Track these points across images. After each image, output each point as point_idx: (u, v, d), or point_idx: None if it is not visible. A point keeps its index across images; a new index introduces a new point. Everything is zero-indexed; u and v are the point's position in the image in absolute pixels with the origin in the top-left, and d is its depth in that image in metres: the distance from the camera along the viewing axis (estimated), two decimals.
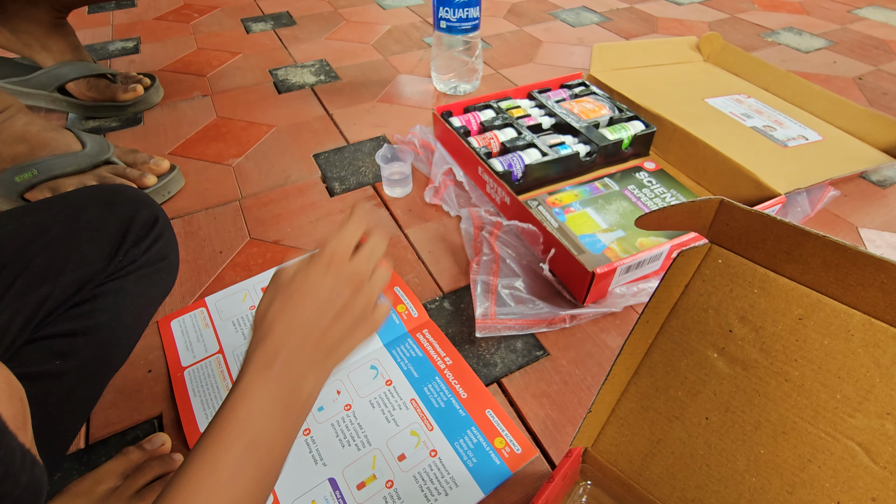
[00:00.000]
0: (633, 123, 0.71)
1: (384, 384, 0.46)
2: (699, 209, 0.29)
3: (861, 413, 0.26)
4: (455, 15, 0.79)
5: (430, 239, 0.61)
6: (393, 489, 0.39)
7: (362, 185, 0.70)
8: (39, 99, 0.82)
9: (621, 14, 1.26)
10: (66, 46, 0.81)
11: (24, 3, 0.75)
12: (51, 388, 0.37)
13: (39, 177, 0.60)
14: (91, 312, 0.39)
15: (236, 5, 1.28)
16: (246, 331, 0.50)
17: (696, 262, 0.31)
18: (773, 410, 0.29)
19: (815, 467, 0.28)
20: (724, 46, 0.90)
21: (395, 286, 0.55)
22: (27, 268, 0.37)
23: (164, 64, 1.00)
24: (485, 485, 0.39)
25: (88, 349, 0.39)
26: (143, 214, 0.44)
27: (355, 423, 0.43)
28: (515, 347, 0.49)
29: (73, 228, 0.40)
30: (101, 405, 0.44)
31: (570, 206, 0.63)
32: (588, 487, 0.37)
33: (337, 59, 1.02)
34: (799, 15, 1.28)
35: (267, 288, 0.34)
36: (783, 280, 0.28)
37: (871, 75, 0.99)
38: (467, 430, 0.42)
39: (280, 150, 0.77)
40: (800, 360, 0.28)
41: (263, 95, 0.90)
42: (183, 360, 0.48)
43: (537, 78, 0.96)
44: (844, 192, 0.70)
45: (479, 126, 0.72)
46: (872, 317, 0.25)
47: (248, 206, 0.66)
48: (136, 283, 0.43)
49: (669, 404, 0.32)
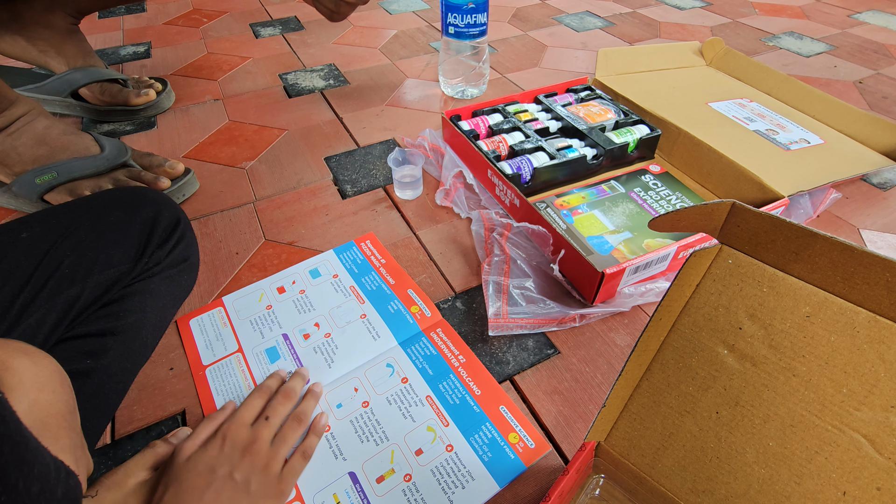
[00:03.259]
0: (639, 127, 0.73)
1: (400, 382, 0.47)
2: (711, 211, 0.30)
3: (866, 406, 0.27)
4: (463, 21, 0.81)
5: (442, 240, 0.63)
6: (411, 482, 0.40)
7: (373, 188, 0.71)
8: (54, 104, 0.84)
9: (624, 19, 1.28)
10: (78, 52, 0.82)
11: (41, 10, 0.77)
12: (81, 387, 0.38)
13: (59, 179, 0.61)
14: (119, 313, 0.41)
15: (245, 10, 1.29)
16: (263, 330, 0.52)
17: (707, 262, 0.32)
18: (781, 404, 0.30)
19: (822, 459, 0.29)
20: (726, 51, 0.91)
21: (409, 288, 0.56)
22: (57, 269, 0.38)
23: (175, 68, 1.02)
24: (500, 478, 0.40)
25: (117, 348, 0.40)
26: (165, 216, 0.46)
27: (373, 420, 0.44)
28: (527, 346, 0.51)
29: (99, 231, 0.41)
30: (126, 402, 0.45)
31: (577, 209, 0.64)
32: (601, 480, 0.38)
33: (345, 64, 1.04)
34: (800, 19, 1.29)
35: (166, 467, 0.36)
36: (791, 279, 0.29)
37: (871, 79, 1.01)
38: (482, 425, 0.44)
39: (292, 153, 0.78)
40: (807, 356, 0.29)
41: (274, 99, 0.92)
42: (204, 359, 0.49)
43: (543, 82, 0.98)
44: (846, 194, 0.71)
45: (487, 130, 0.74)
46: (878, 314, 0.27)
47: (262, 209, 0.68)
48: (161, 283, 0.45)
49: (681, 399, 0.34)
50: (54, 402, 0.26)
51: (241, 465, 0.36)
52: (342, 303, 0.54)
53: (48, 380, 0.26)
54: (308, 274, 0.58)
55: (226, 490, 0.34)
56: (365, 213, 0.67)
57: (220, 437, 0.37)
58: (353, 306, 0.54)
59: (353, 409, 0.45)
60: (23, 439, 0.21)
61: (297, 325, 0.52)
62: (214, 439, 0.37)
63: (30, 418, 0.24)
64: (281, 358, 0.49)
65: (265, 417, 0.40)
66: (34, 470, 0.21)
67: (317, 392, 0.45)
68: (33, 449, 0.21)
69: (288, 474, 0.38)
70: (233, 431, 0.37)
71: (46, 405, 0.25)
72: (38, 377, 0.26)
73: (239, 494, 0.34)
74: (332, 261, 0.59)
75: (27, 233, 0.39)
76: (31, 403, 0.25)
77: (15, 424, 0.21)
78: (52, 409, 0.26)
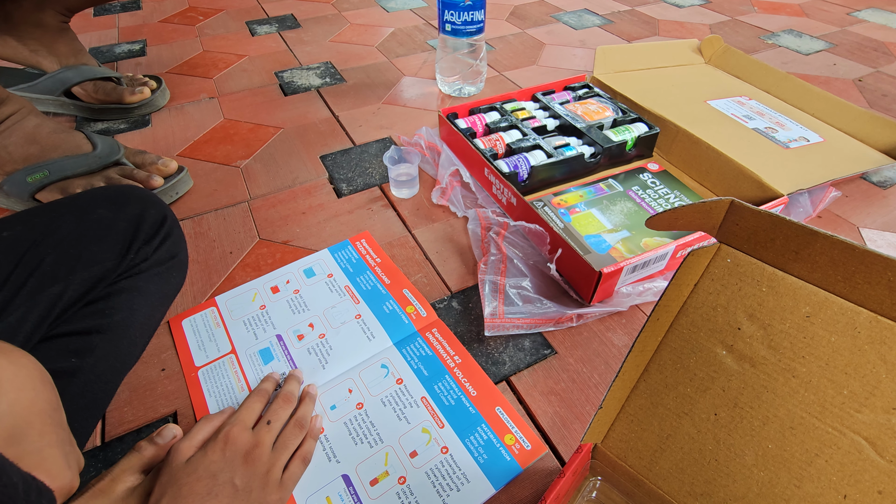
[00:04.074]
0: (637, 125, 0.72)
1: (395, 383, 0.46)
2: (710, 210, 0.30)
3: (867, 408, 0.27)
4: (460, 18, 0.80)
5: (438, 239, 0.62)
6: (405, 485, 0.39)
7: (369, 187, 0.71)
8: (47, 104, 0.83)
9: (623, 16, 1.27)
10: (70, 50, 0.81)
11: (30, 9, 0.76)
12: (66, 386, 0.37)
13: (51, 177, 0.61)
14: (105, 310, 0.40)
15: (241, 8, 1.29)
16: (257, 330, 0.51)
17: (706, 261, 0.32)
18: (780, 406, 0.29)
19: (822, 461, 0.28)
20: (725, 49, 0.91)
21: (404, 287, 0.55)
22: (38, 267, 0.37)
23: (170, 66, 1.01)
24: (496, 480, 0.40)
25: (104, 347, 0.40)
26: (152, 214, 0.45)
27: (367, 421, 0.43)
28: (523, 346, 0.50)
29: (82, 228, 0.41)
30: (116, 403, 0.45)
31: (575, 207, 0.64)
32: (598, 483, 0.38)
33: (342, 62, 1.03)
34: (799, 17, 1.29)
35: (161, 469, 0.35)
36: (791, 279, 0.29)
37: (870, 77, 1.00)
38: (477, 427, 0.43)
39: (287, 151, 0.77)
40: (807, 356, 0.28)
41: (270, 97, 0.91)
42: (196, 360, 0.48)
43: (540, 80, 0.97)
44: (845, 192, 0.71)
45: (484, 128, 0.73)
46: (879, 314, 0.26)
47: (257, 207, 0.67)
48: (149, 281, 0.44)
49: (679, 400, 0.33)
50: (36, 401, 0.25)
51: (243, 471, 0.35)
52: (337, 303, 0.54)
53: (27, 378, 0.26)
54: (302, 273, 0.57)
55: (226, 496, 0.33)
56: (360, 212, 0.66)
57: (222, 441, 0.36)
58: (347, 306, 0.53)
59: (347, 411, 0.44)
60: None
61: (291, 325, 0.51)
62: (215, 442, 0.36)
63: (10, 418, 0.24)
64: (274, 359, 0.48)
65: (267, 422, 0.39)
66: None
67: (313, 395, 0.44)
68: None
69: (288, 480, 0.38)
70: (234, 435, 0.37)
71: (28, 404, 0.25)
72: (16, 376, 0.25)
73: (240, 500, 0.34)
74: (326, 260, 0.59)
75: (7, 231, 0.38)
76: (10, 403, 0.24)
77: None
78: (34, 408, 0.25)
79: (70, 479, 0.26)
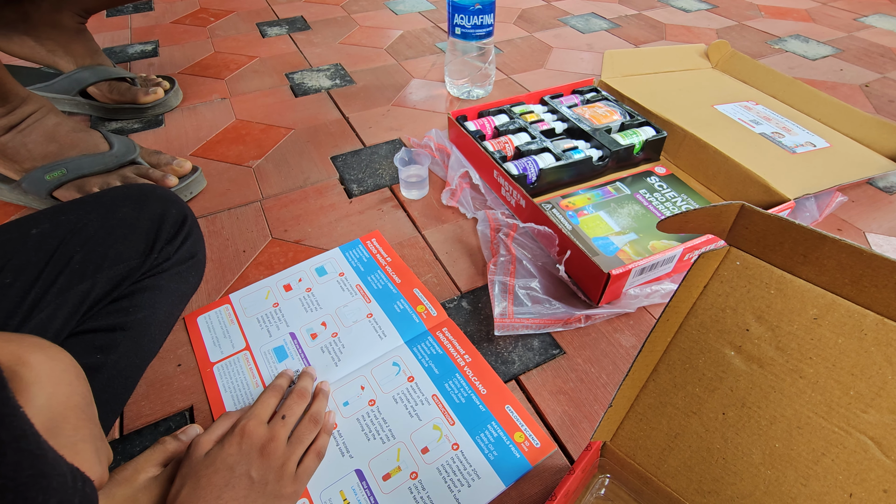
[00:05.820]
0: (644, 129, 0.73)
1: (406, 380, 0.47)
2: (720, 213, 0.30)
3: (873, 409, 0.28)
4: (470, 21, 0.81)
5: (447, 240, 0.63)
6: (417, 480, 0.40)
7: (379, 188, 0.71)
8: (63, 103, 0.84)
9: (630, 21, 1.28)
10: (86, 51, 0.83)
11: (49, 10, 0.77)
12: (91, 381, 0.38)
13: (68, 175, 0.62)
14: (129, 308, 0.41)
15: (251, 9, 1.30)
16: (271, 328, 0.52)
17: (715, 263, 0.32)
18: (787, 406, 0.30)
19: (828, 461, 0.29)
20: (732, 54, 0.91)
21: (415, 287, 0.56)
22: (67, 265, 0.38)
23: (182, 67, 1.02)
24: (506, 477, 0.40)
25: (126, 343, 0.41)
26: (173, 213, 0.46)
27: (380, 418, 0.44)
28: (532, 346, 0.51)
29: (108, 227, 0.42)
30: (134, 397, 0.46)
31: (583, 210, 0.64)
32: (606, 480, 0.38)
33: (351, 64, 1.04)
34: (805, 23, 1.29)
35: (182, 462, 0.36)
36: (799, 281, 0.29)
37: (877, 83, 1.01)
38: (488, 424, 0.44)
39: (298, 152, 0.79)
40: (814, 357, 0.29)
41: (280, 98, 0.92)
42: (211, 356, 0.49)
43: (548, 83, 0.98)
44: (852, 197, 0.71)
45: (493, 130, 0.74)
46: (885, 317, 0.27)
47: (269, 207, 0.68)
48: (170, 280, 0.45)
49: (687, 400, 0.34)
50: (71, 395, 0.26)
51: (259, 464, 0.36)
52: (348, 301, 0.55)
53: (63, 373, 0.27)
54: (314, 272, 0.58)
55: (243, 488, 0.34)
56: (371, 213, 0.67)
57: (238, 434, 0.37)
58: (359, 305, 0.54)
59: (359, 408, 0.45)
60: (42, 452, 0.21)
61: (304, 323, 0.52)
62: (232, 436, 0.37)
63: (48, 412, 0.25)
64: (289, 357, 0.49)
65: (282, 416, 0.40)
66: (53, 483, 0.21)
67: (326, 391, 0.45)
68: (51, 460, 0.21)
69: (303, 474, 0.38)
70: (250, 429, 0.38)
71: (64, 398, 0.26)
72: (53, 371, 0.26)
73: (255, 493, 0.34)
74: (338, 259, 0.60)
75: (37, 229, 0.39)
76: (48, 397, 0.25)
77: (34, 437, 0.20)
78: (69, 402, 0.26)
79: (101, 473, 0.26)
